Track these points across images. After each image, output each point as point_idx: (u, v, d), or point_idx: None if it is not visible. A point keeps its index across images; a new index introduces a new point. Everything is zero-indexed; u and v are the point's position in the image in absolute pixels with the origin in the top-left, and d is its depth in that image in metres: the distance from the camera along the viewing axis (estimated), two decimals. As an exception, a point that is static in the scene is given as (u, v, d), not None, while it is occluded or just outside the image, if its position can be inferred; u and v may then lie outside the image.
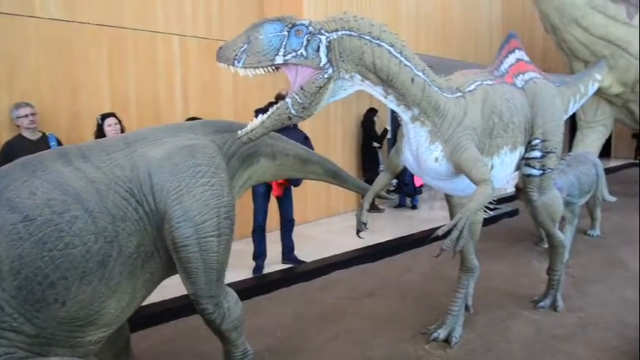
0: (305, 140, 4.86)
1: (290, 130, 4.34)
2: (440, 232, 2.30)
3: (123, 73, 5.14)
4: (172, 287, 2.85)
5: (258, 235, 4.97)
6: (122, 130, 4.40)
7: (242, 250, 5.30)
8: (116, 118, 4.46)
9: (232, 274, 4.66)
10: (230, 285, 4.03)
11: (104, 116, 4.46)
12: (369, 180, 4.70)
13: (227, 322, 2.45)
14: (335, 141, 7.37)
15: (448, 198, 3.31)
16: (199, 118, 4.69)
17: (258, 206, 4.94)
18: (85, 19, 4.83)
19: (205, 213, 2.26)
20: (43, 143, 4.05)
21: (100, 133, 4.37)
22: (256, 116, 2.35)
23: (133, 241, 2.15)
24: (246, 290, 4.14)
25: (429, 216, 7.37)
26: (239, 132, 2.37)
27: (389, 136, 7.98)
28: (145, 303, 2.51)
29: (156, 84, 5.40)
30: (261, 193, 4.89)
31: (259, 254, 4.95)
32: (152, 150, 2.32)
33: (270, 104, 4.58)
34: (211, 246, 2.29)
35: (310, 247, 5.47)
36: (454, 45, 7.97)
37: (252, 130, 2.33)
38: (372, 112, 7.55)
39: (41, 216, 1.87)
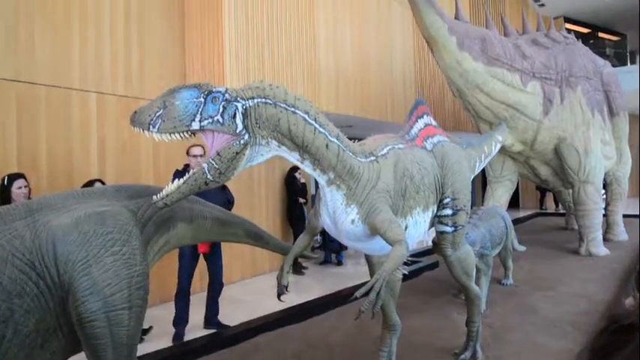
0: (222, 190, 4.74)
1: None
2: (358, 294, 2.33)
3: (33, 130, 4.88)
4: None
5: (182, 299, 4.70)
6: (29, 193, 4.12)
7: (160, 316, 5.02)
8: (25, 179, 4.18)
9: (149, 344, 4.38)
10: (147, 356, 3.80)
11: (12, 177, 4.15)
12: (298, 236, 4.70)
13: (138, 401, 2.28)
14: (259, 200, 7.35)
15: (367, 257, 3.38)
16: (100, 181, 4.54)
17: (184, 268, 4.69)
18: (-8, 73, 4.61)
19: (115, 284, 2.15)
20: None
21: (4, 195, 4.06)
22: (174, 178, 2.32)
23: (31, 319, 1.98)
24: (164, 361, 3.90)
25: (355, 272, 7.43)
26: (154, 197, 2.31)
27: (313, 192, 8.10)
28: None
29: (70, 143, 5.17)
30: (187, 254, 4.66)
31: (181, 320, 4.68)
32: (58, 218, 2.20)
33: (187, 166, 4.52)
34: (121, 319, 2.16)
35: (235, 310, 5.30)
36: (372, 105, 8.42)
37: (167, 195, 2.28)
38: (294, 169, 7.67)
39: None
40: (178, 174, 4.34)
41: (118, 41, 5.65)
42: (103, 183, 4.51)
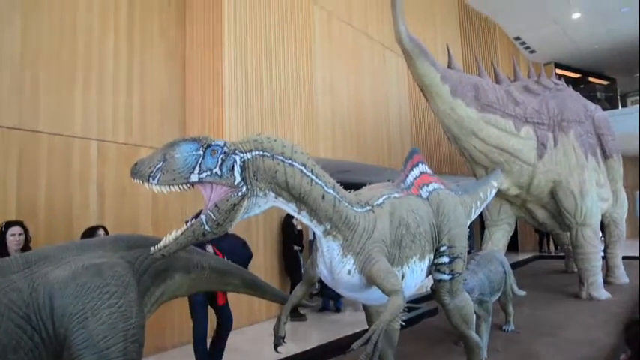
0: (243, 246, 4.80)
1: (227, 235, 4.23)
2: (355, 346, 2.31)
3: (33, 178, 4.93)
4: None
5: (202, 347, 4.57)
6: (27, 240, 4.13)
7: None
8: (22, 227, 4.19)
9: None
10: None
11: (8, 224, 4.17)
12: (295, 283, 4.68)
13: None
14: (257, 246, 7.33)
15: (365, 306, 3.36)
16: (103, 227, 4.54)
17: (200, 316, 4.58)
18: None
19: (111, 337, 2.14)
20: None
21: (1, 242, 4.06)
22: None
23: (25, 374, 1.96)
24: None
25: (353, 318, 7.31)
26: (152, 248, 2.33)
27: (311, 237, 8.09)
28: None
29: (69, 190, 5.21)
30: (200, 302, 4.56)
31: None
32: (56, 270, 2.21)
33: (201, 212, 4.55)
34: (116, 374, 2.14)
35: (232, 359, 5.18)
36: (369, 151, 8.55)
37: (165, 247, 2.30)
38: (291, 216, 7.68)
39: None
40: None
41: (119, 90, 5.79)
42: (105, 230, 4.51)
